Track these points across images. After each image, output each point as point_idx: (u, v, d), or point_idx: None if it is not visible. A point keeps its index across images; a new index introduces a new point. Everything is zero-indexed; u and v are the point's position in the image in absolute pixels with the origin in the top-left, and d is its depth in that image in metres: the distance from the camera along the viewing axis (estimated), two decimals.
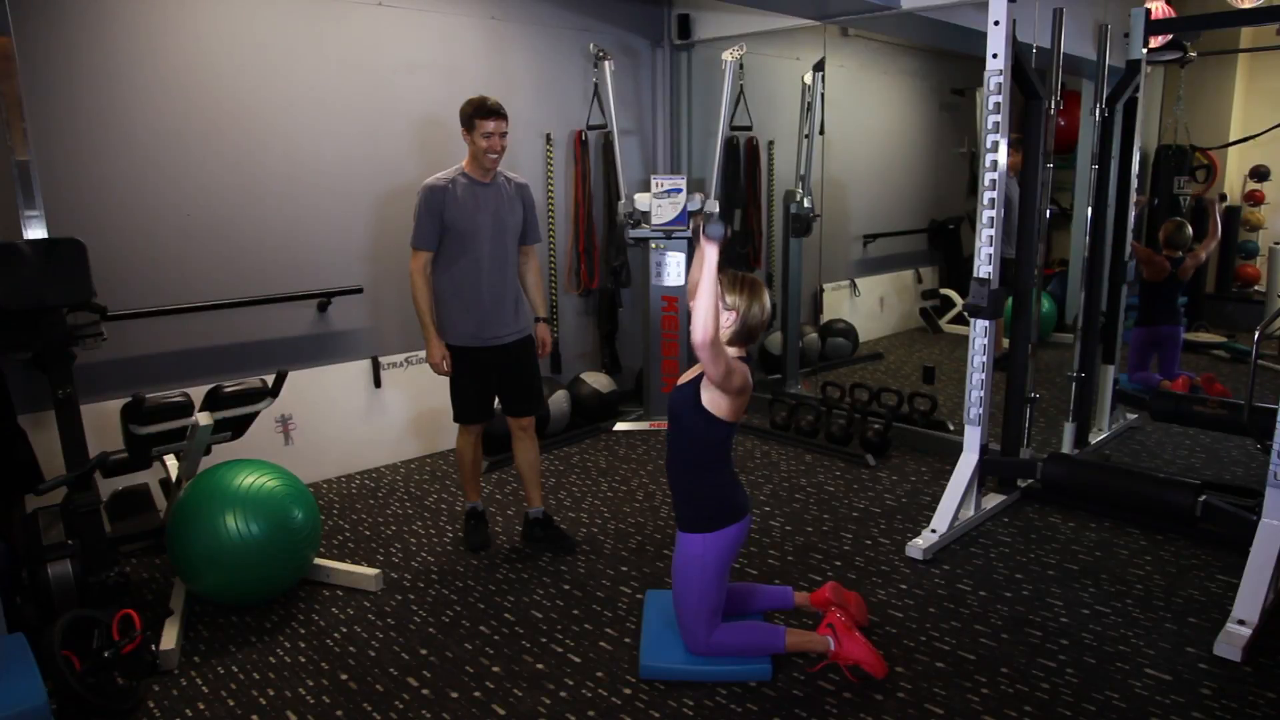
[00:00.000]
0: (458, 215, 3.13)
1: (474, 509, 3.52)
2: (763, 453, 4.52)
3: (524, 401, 3.37)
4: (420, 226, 3.15)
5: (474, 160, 3.16)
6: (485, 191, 3.18)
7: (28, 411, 3.18)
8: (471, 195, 3.15)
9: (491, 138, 3.08)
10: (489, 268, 3.18)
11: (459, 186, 3.15)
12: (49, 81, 3.30)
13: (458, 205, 3.13)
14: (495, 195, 3.20)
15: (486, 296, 3.19)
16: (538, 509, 3.46)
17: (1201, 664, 2.57)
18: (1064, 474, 3.55)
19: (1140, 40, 4.17)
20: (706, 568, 2.46)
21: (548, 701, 2.45)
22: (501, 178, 3.25)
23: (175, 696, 2.51)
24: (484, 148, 3.09)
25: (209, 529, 2.76)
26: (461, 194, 3.14)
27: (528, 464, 3.43)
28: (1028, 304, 3.68)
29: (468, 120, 3.11)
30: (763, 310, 2.39)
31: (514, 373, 3.31)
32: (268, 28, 3.82)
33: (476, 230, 3.15)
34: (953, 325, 6.74)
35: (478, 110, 3.09)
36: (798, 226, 5.27)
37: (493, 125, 3.08)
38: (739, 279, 2.39)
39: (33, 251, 2.48)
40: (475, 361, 3.24)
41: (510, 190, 3.25)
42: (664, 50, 5.38)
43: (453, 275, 3.18)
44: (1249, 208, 6.50)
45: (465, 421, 3.35)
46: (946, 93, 6.96)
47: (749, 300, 2.36)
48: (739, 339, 2.40)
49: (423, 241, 3.15)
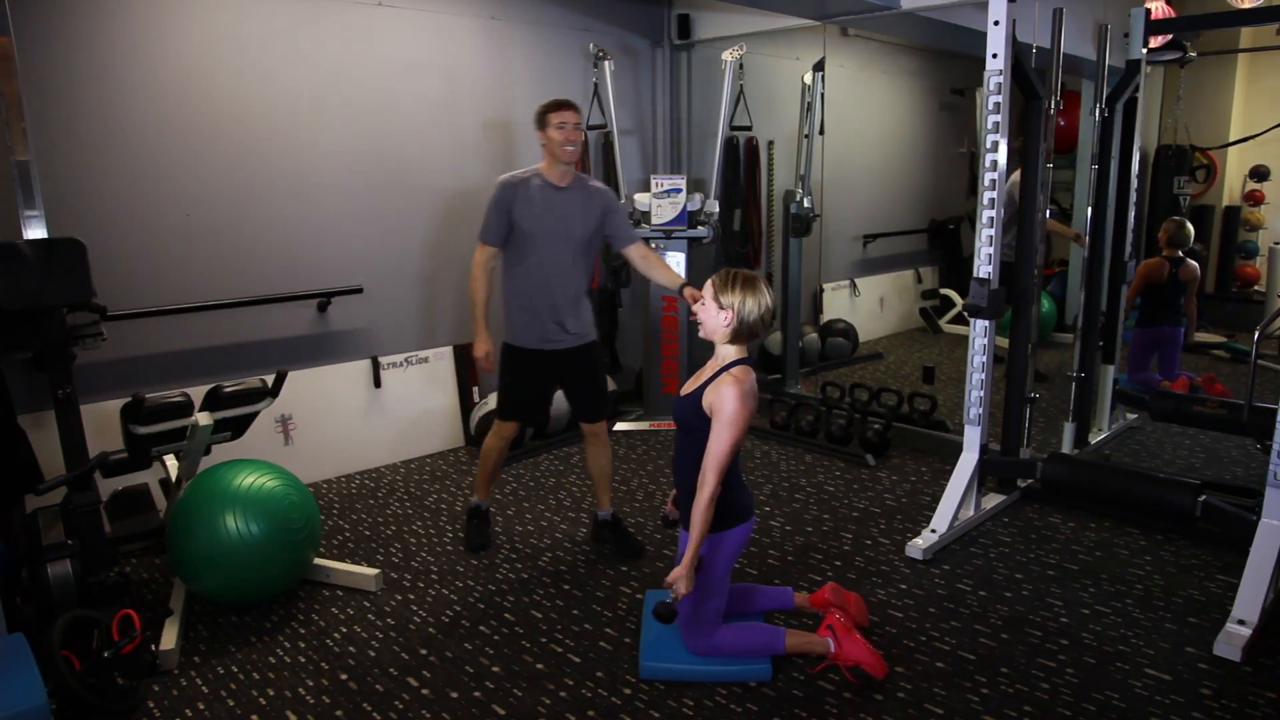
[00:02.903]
0: (524, 215, 3.08)
1: (478, 507, 3.51)
2: (763, 453, 4.52)
3: (590, 407, 3.32)
4: (486, 220, 3.13)
5: (551, 160, 3.10)
6: (557, 197, 3.11)
7: (28, 411, 3.18)
8: (543, 198, 3.10)
9: (565, 128, 3.01)
10: (549, 274, 3.12)
11: (533, 187, 3.10)
12: (49, 81, 3.30)
13: (527, 205, 3.08)
14: (568, 202, 3.12)
15: (543, 302, 3.14)
16: (607, 511, 3.43)
17: (1201, 664, 2.57)
18: (1064, 474, 3.56)
19: (1140, 40, 4.17)
20: (712, 567, 2.46)
21: (548, 701, 2.45)
22: (582, 182, 3.18)
23: (175, 696, 2.51)
24: (559, 140, 3.02)
25: (209, 529, 2.76)
26: (536, 195, 3.09)
27: (599, 468, 3.38)
28: (1028, 304, 3.68)
29: (541, 118, 3.07)
30: (759, 306, 2.38)
31: (576, 379, 3.28)
32: (267, 28, 3.81)
33: (540, 234, 3.09)
34: (953, 325, 6.74)
35: (550, 105, 3.06)
36: (797, 226, 5.27)
37: (567, 115, 3.03)
38: (731, 277, 2.38)
39: (33, 251, 2.48)
40: (530, 363, 3.20)
41: (589, 199, 3.16)
42: (664, 50, 5.38)
43: (516, 275, 3.16)
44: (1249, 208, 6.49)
45: (504, 418, 3.33)
46: (946, 93, 6.96)
47: (743, 297, 2.36)
48: (739, 337, 2.40)
49: (486, 235, 3.14)
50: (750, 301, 2.37)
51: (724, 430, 2.31)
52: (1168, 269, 4.81)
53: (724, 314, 2.37)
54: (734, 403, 2.30)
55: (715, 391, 2.35)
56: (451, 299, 4.62)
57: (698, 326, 2.47)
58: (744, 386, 2.34)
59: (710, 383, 2.38)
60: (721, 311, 2.37)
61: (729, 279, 2.38)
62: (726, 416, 2.31)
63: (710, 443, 2.33)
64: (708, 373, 2.45)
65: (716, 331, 2.41)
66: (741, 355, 2.43)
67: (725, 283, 2.37)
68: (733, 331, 2.39)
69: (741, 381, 2.34)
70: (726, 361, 2.41)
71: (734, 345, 2.42)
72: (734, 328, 2.38)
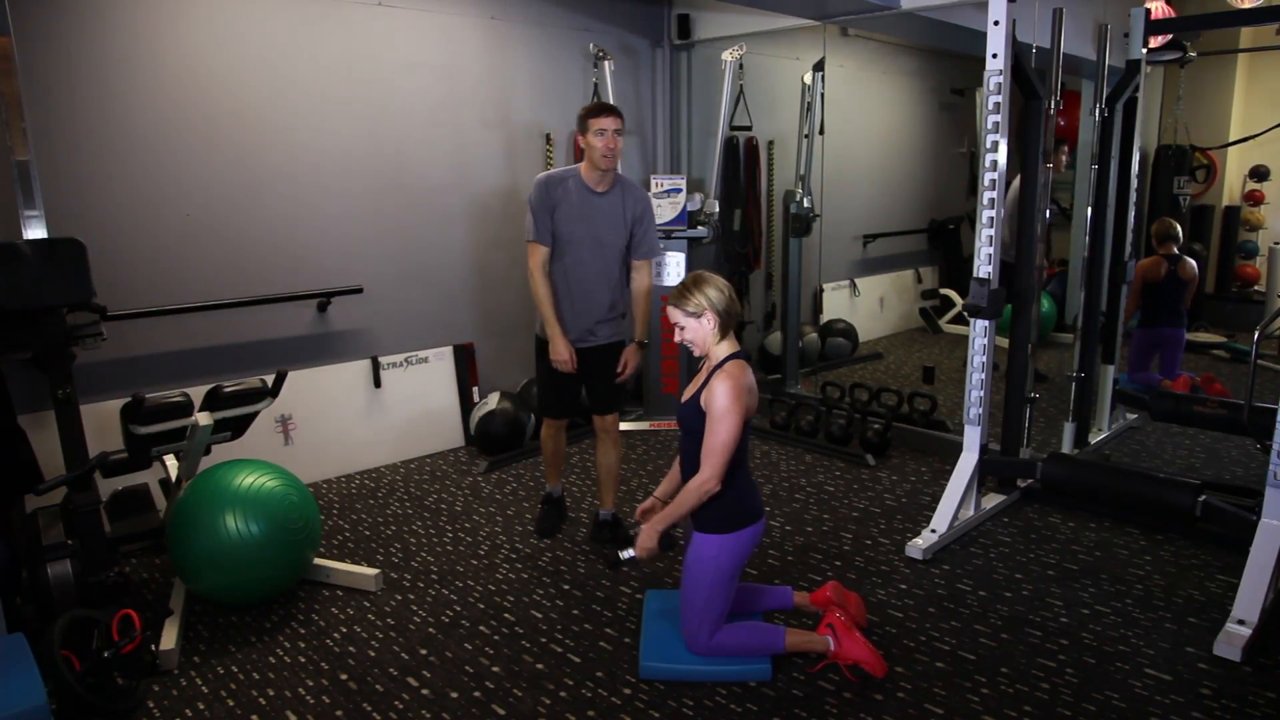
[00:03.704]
0: (563, 215, 3.10)
1: (550, 494, 3.61)
2: (762, 453, 4.52)
3: (606, 399, 3.36)
4: (536, 221, 3.11)
5: (590, 164, 3.10)
6: (593, 200, 3.12)
7: (28, 411, 3.18)
8: (580, 200, 3.10)
9: (605, 135, 3.00)
10: (580, 276, 3.16)
11: (571, 189, 3.11)
12: (49, 81, 3.30)
13: (567, 205, 3.09)
14: (601, 207, 3.13)
15: (574, 302, 3.18)
16: (608, 511, 3.46)
17: (1201, 664, 2.57)
18: (1064, 474, 3.56)
19: (1140, 40, 4.17)
20: (721, 569, 2.47)
21: (548, 701, 2.46)
22: (621, 187, 3.17)
23: (175, 696, 2.51)
24: (598, 147, 3.01)
25: (209, 529, 2.76)
26: (574, 197, 3.10)
27: (604, 466, 3.41)
28: (1027, 304, 3.68)
29: (582, 122, 3.06)
30: (720, 291, 2.43)
31: (597, 374, 3.31)
32: (268, 27, 3.82)
33: (571, 236, 3.12)
34: (953, 325, 6.74)
35: (591, 110, 3.05)
36: (798, 226, 5.27)
37: (607, 122, 3.00)
38: (681, 289, 2.45)
39: (33, 251, 2.48)
40: None
41: (624, 205, 3.16)
42: (664, 50, 5.38)
43: (551, 274, 3.18)
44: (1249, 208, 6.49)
45: (543, 414, 3.47)
46: (946, 93, 6.95)
47: (704, 292, 2.42)
48: (725, 329, 2.46)
49: (539, 235, 3.11)
50: (711, 291, 2.43)
51: (717, 424, 2.36)
52: (1165, 267, 4.81)
53: (702, 319, 2.43)
54: (725, 397, 2.36)
55: (710, 390, 2.40)
56: (451, 299, 4.62)
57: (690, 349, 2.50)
58: (738, 380, 2.39)
59: (708, 383, 2.43)
60: (698, 319, 2.43)
61: (680, 291, 2.45)
62: (719, 410, 2.36)
63: (707, 439, 2.39)
64: (704, 373, 2.49)
65: (707, 338, 2.46)
66: (734, 350, 2.47)
67: (681, 294, 2.44)
68: (719, 327, 2.44)
69: (734, 376, 2.39)
70: (719, 359, 2.45)
71: (725, 341, 2.46)
72: (719, 322, 2.43)
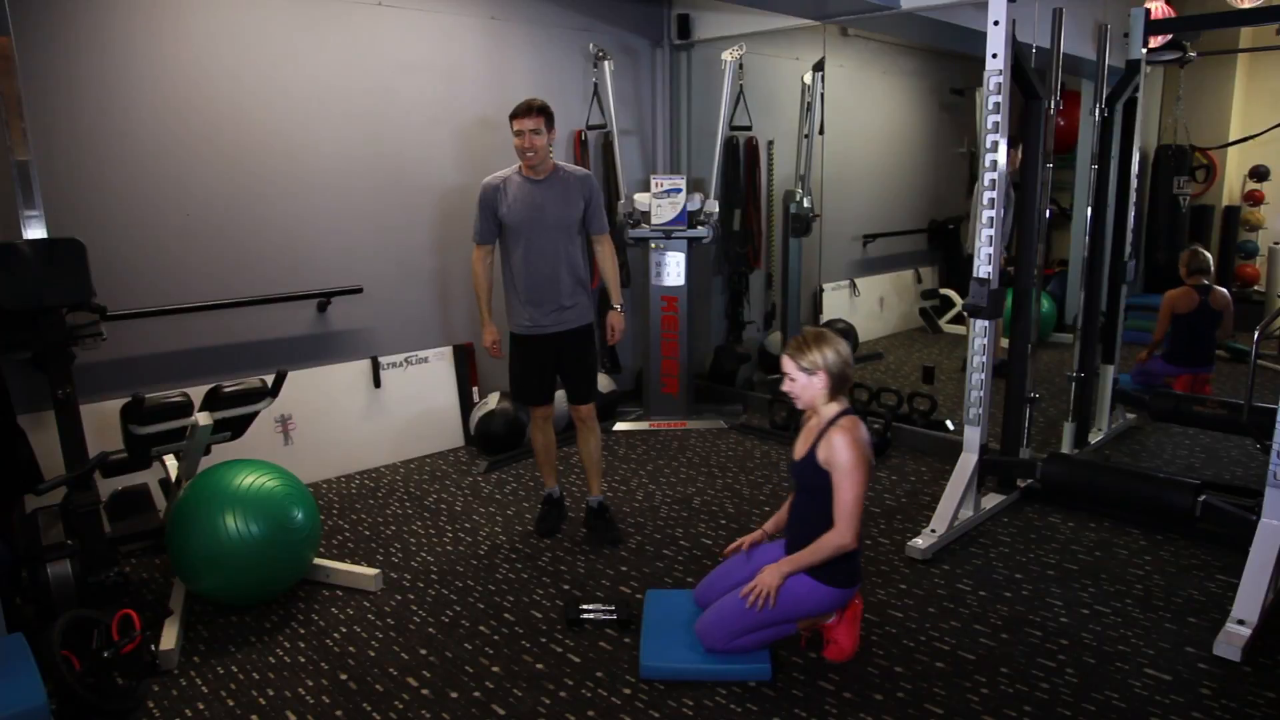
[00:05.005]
0: (508, 211, 3.25)
1: (549, 495, 3.65)
2: (762, 453, 4.52)
3: (580, 389, 3.46)
4: (478, 222, 3.31)
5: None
6: (536, 188, 3.25)
7: (28, 411, 3.18)
8: (523, 192, 3.25)
9: (523, 135, 3.13)
10: (536, 262, 3.27)
11: (511, 184, 3.26)
12: (49, 81, 3.30)
13: (508, 201, 3.25)
14: (546, 191, 3.26)
15: (533, 288, 3.29)
16: (595, 497, 3.57)
17: (1201, 664, 2.57)
18: (1064, 474, 3.56)
19: (1140, 40, 4.17)
20: (796, 609, 2.50)
21: (548, 701, 2.45)
22: (561, 173, 3.31)
23: (175, 696, 2.51)
24: (517, 147, 3.17)
25: (209, 529, 2.76)
26: (513, 191, 3.25)
27: (586, 453, 3.52)
28: (1028, 304, 3.68)
29: (509, 122, 3.19)
30: (838, 354, 2.44)
31: (571, 360, 3.42)
32: (267, 28, 3.82)
33: (522, 224, 3.25)
34: (952, 325, 6.75)
35: (513, 111, 3.17)
36: (797, 226, 5.27)
37: (524, 122, 3.13)
38: (802, 341, 2.45)
39: (33, 251, 2.48)
40: (529, 348, 3.37)
41: (569, 185, 3.30)
42: (664, 50, 5.38)
43: (510, 267, 3.33)
44: (1249, 208, 6.50)
45: (517, 400, 3.63)
46: (946, 93, 6.96)
47: (822, 352, 2.42)
48: (836, 391, 2.46)
49: (477, 235, 3.34)
50: (829, 351, 2.43)
51: (845, 480, 2.38)
52: (1196, 298, 4.54)
53: (815, 377, 2.43)
54: (848, 450, 2.37)
55: (828, 444, 2.41)
56: (452, 299, 4.62)
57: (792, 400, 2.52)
58: (855, 433, 2.40)
59: (821, 439, 2.44)
60: (811, 376, 2.44)
61: (801, 343, 2.45)
62: (845, 465, 2.37)
63: (836, 495, 2.41)
64: (814, 431, 2.50)
65: (816, 396, 2.47)
66: (844, 407, 2.48)
67: (799, 348, 2.44)
68: (829, 389, 2.44)
69: (851, 431, 2.40)
70: (830, 417, 2.46)
71: (834, 402, 2.47)
72: (830, 385, 2.44)
